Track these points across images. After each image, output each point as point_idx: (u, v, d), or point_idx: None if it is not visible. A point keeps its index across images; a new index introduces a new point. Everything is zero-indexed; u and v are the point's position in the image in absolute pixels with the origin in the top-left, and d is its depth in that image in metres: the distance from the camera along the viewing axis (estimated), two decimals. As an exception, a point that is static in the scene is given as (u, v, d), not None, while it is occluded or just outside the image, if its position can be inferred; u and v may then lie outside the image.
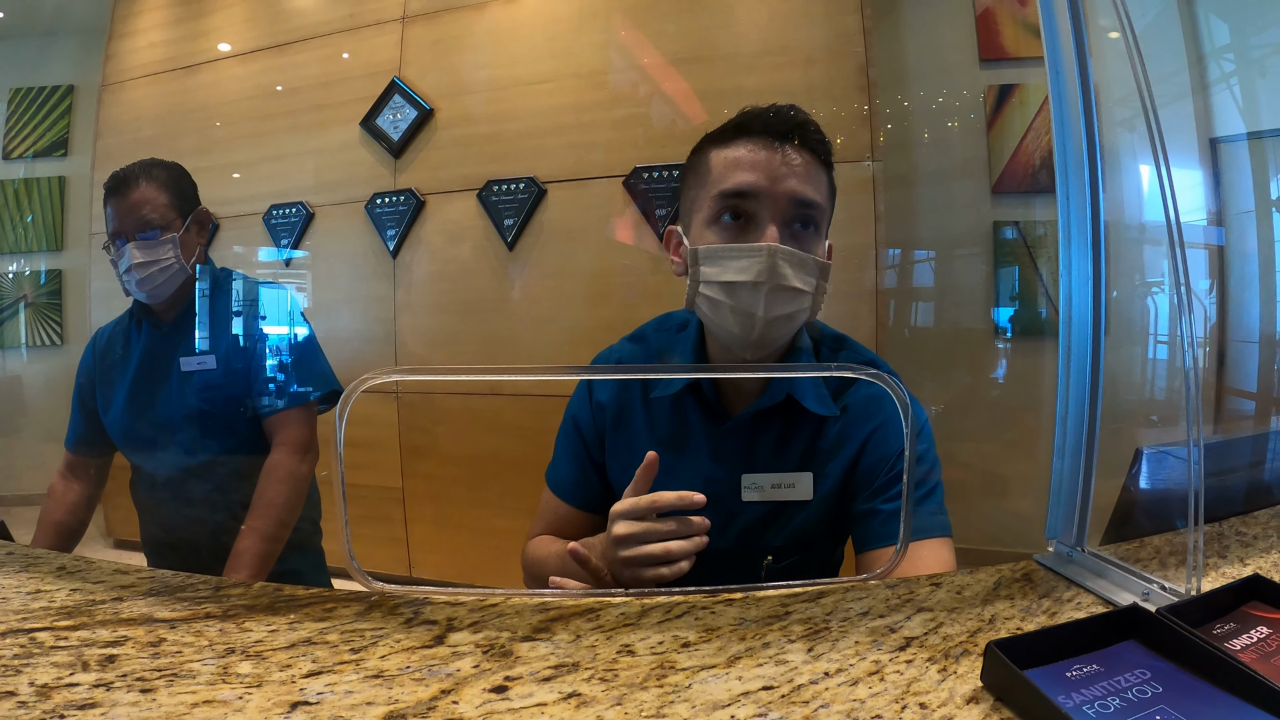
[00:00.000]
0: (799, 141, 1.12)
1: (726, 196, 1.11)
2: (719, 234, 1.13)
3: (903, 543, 0.91)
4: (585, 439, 1.31)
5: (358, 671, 0.69)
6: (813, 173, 1.13)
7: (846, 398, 1.21)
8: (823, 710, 0.62)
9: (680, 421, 1.24)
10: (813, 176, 1.13)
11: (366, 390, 0.81)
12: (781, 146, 1.11)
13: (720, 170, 1.13)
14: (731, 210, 1.12)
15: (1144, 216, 2.07)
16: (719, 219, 1.13)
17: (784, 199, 1.10)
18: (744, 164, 1.11)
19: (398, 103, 3.35)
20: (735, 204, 1.11)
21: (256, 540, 1.69)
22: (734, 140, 1.14)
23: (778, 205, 1.10)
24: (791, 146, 1.12)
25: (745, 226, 1.11)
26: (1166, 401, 2.40)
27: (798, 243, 1.11)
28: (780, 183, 1.10)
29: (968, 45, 3.35)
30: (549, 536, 1.30)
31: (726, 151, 1.14)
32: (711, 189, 1.14)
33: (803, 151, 1.12)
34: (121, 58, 3.77)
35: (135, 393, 1.79)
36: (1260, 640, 0.71)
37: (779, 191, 1.10)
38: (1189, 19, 2.49)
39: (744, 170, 1.11)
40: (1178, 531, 1.05)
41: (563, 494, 1.33)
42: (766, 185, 1.10)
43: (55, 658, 0.70)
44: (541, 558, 1.25)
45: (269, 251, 3.55)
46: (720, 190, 1.12)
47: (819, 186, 1.13)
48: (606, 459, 1.30)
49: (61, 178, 3.91)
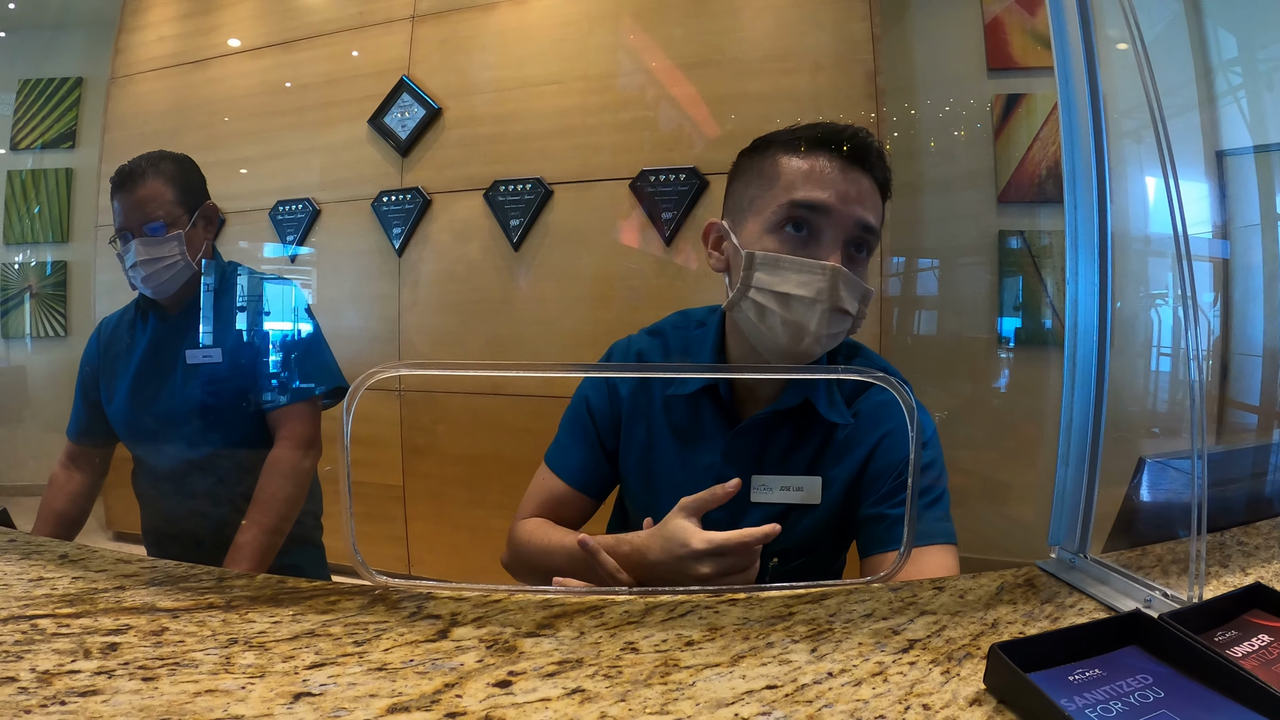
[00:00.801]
0: (868, 167, 1.13)
1: (797, 206, 1.10)
2: (780, 242, 1.12)
3: (906, 546, 0.91)
4: (598, 424, 1.31)
5: (361, 664, 0.69)
6: (875, 199, 1.14)
7: (858, 404, 1.21)
8: (826, 710, 0.62)
9: (695, 420, 1.24)
10: (875, 203, 1.13)
11: (371, 386, 0.81)
12: (853, 168, 1.11)
13: (792, 177, 1.12)
14: (797, 221, 1.11)
15: (1149, 228, 2.07)
16: (782, 227, 1.12)
17: (851, 221, 1.10)
18: (819, 178, 1.11)
19: (406, 101, 3.35)
20: (804, 216, 1.10)
21: (257, 534, 1.69)
22: (810, 151, 1.13)
23: (844, 226, 1.10)
24: (863, 170, 1.12)
25: (808, 240, 1.11)
26: (1169, 413, 2.41)
27: (853, 266, 1.11)
28: (851, 204, 1.10)
29: (975, 54, 3.34)
30: (546, 521, 1.30)
31: (800, 161, 1.13)
32: (780, 195, 1.12)
33: (870, 177, 1.13)
34: (130, 51, 3.77)
35: (139, 384, 1.79)
36: (1262, 648, 0.71)
37: (848, 213, 1.10)
38: (1197, 32, 2.49)
39: (819, 184, 1.10)
40: (1180, 540, 1.05)
41: (566, 475, 1.32)
42: (838, 204, 1.09)
43: (57, 645, 0.70)
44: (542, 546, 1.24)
45: (275, 247, 3.55)
46: (792, 198, 1.11)
47: (878, 214, 1.14)
48: (620, 448, 1.30)
49: (69, 170, 3.91)
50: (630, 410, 1.29)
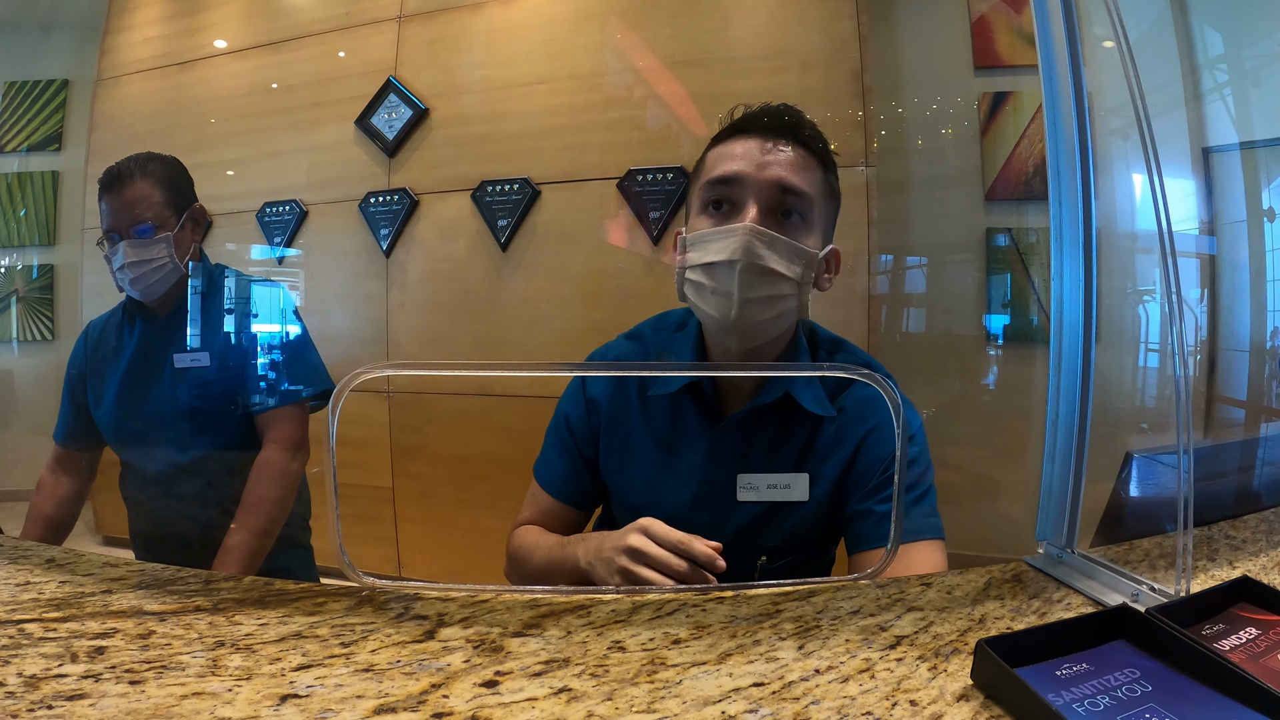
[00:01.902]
0: (791, 137, 1.14)
1: (713, 184, 1.14)
2: (706, 222, 1.15)
3: (894, 543, 0.91)
4: (576, 435, 1.31)
5: (348, 665, 0.69)
6: (802, 165, 1.14)
7: (843, 399, 1.21)
8: (813, 707, 0.62)
9: (676, 420, 1.24)
10: (801, 168, 1.14)
11: (358, 388, 0.81)
12: (772, 140, 1.13)
13: (711, 163, 1.17)
14: (716, 198, 1.15)
15: (1135, 225, 2.08)
16: (707, 208, 1.16)
17: (767, 185, 1.11)
18: (732, 155, 1.14)
19: (393, 102, 3.34)
20: (720, 190, 1.14)
21: (246, 537, 1.68)
22: (729, 138, 1.17)
23: (760, 191, 1.12)
24: (782, 141, 1.14)
25: (729, 214, 1.14)
26: (1156, 409, 2.42)
27: (783, 230, 1.12)
28: (764, 170, 1.12)
29: (962, 52, 3.35)
30: (534, 528, 1.31)
31: (719, 147, 1.17)
32: (702, 180, 1.17)
33: (794, 147, 1.14)
34: (117, 53, 3.76)
35: (127, 388, 1.78)
36: (1249, 641, 0.71)
37: (762, 178, 1.11)
38: (1183, 29, 2.50)
39: (731, 160, 1.14)
40: (1167, 534, 1.05)
41: (550, 489, 1.33)
42: (750, 171, 1.12)
43: (44, 649, 0.70)
44: (529, 547, 1.26)
45: (262, 249, 3.54)
46: (707, 179, 1.15)
47: (808, 179, 1.14)
48: (600, 457, 1.30)
49: (55, 172, 3.89)
50: (609, 418, 1.29)
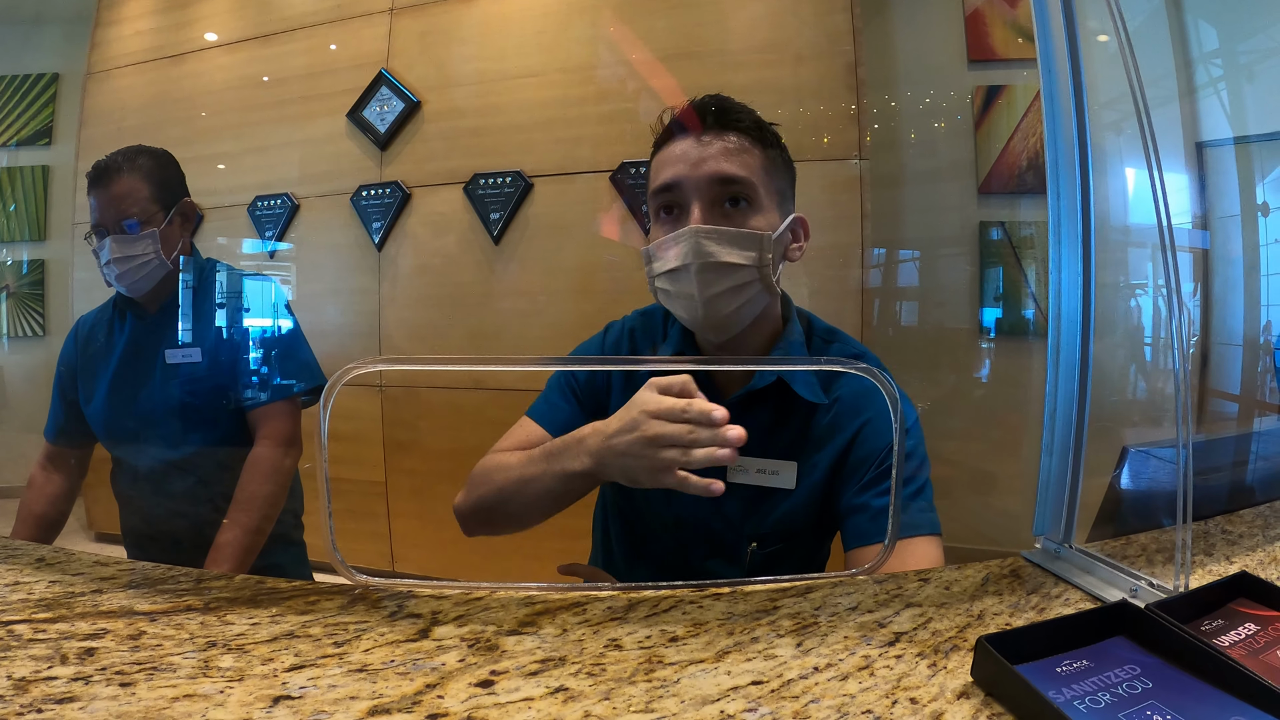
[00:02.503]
0: (720, 125, 1.15)
1: (657, 194, 1.17)
2: (658, 231, 1.17)
3: (891, 539, 0.91)
4: (582, 386, 1.31)
5: (341, 665, 0.68)
6: (736, 151, 1.14)
7: (838, 389, 1.21)
8: (813, 705, 0.62)
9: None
10: (736, 154, 1.14)
11: (350, 383, 0.80)
12: (702, 134, 1.15)
13: (653, 172, 1.19)
14: (663, 206, 1.17)
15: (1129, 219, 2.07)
16: (659, 215, 1.18)
17: (704, 181, 1.13)
18: (668, 160, 1.16)
19: (385, 95, 3.33)
20: (665, 198, 1.16)
21: (239, 533, 1.67)
22: (665, 141, 1.19)
23: (699, 189, 1.13)
24: (713, 132, 1.15)
25: (678, 218, 1.15)
26: (1149, 402, 2.42)
27: (729, 221, 1.13)
28: (699, 167, 1.13)
29: (956, 46, 3.35)
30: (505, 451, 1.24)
31: (659, 154, 1.19)
32: (650, 191, 1.19)
33: (725, 134, 1.15)
34: (107, 46, 3.73)
35: (117, 384, 1.77)
36: (1248, 636, 0.71)
37: (698, 176, 1.12)
38: (1177, 24, 2.50)
39: (667, 165, 1.15)
40: (1164, 529, 1.05)
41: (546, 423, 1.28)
42: (686, 172, 1.13)
43: (33, 650, 0.69)
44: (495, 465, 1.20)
45: (253, 243, 3.52)
46: (652, 189, 1.18)
47: (745, 163, 1.14)
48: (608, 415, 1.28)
49: (45, 166, 3.87)
50: (622, 384, 1.28)
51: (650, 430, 0.96)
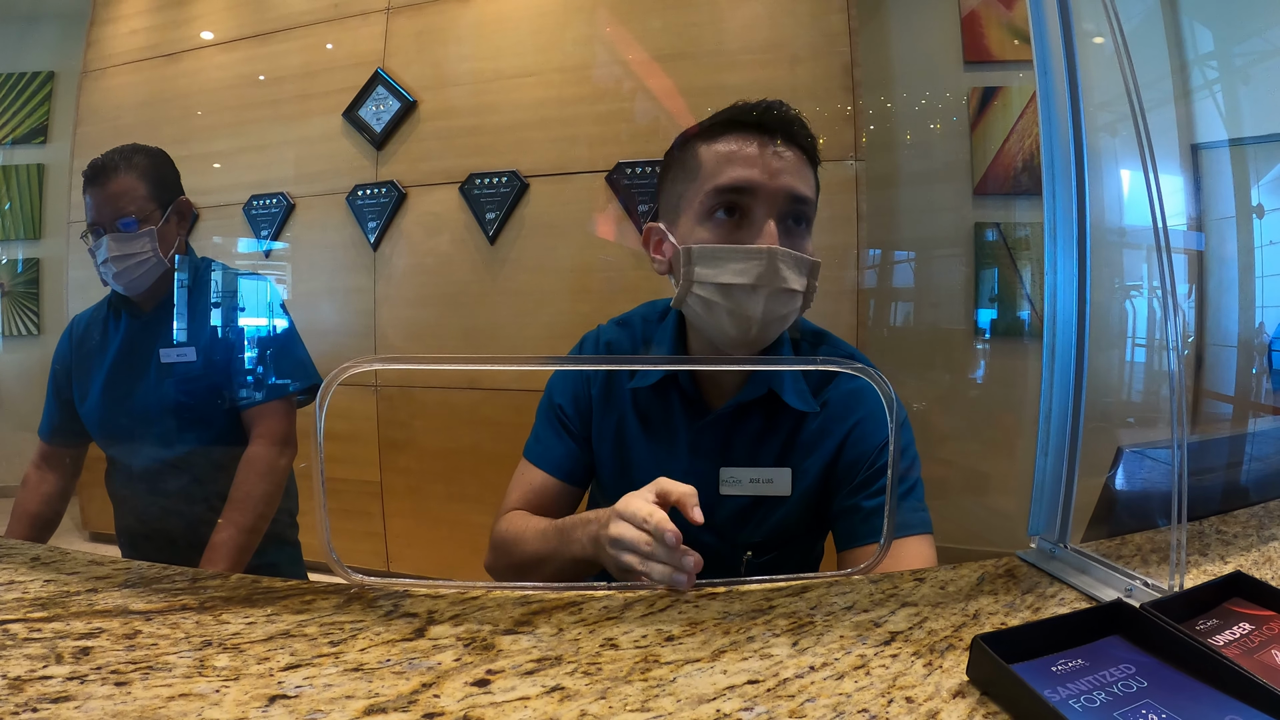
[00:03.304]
0: (788, 137, 1.11)
1: (722, 192, 1.09)
2: (713, 231, 1.10)
3: (886, 538, 0.91)
4: (568, 412, 1.29)
5: (337, 665, 0.68)
6: (803, 168, 1.12)
7: (826, 393, 1.20)
8: (809, 704, 0.62)
9: (663, 411, 1.23)
10: (803, 172, 1.11)
11: (345, 382, 0.80)
12: (772, 142, 1.09)
13: (713, 165, 1.11)
14: (727, 206, 1.09)
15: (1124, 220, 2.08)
16: (712, 215, 1.10)
17: (780, 195, 1.08)
18: (738, 159, 1.09)
19: (381, 94, 3.32)
20: (731, 199, 1.09)
21: (234, 533, 1.67)
22: (724, 135, 1.12)
23: (774, 201, 1.08)
24: (782, 142, 1.10)
25: (740, 223, 1.09)
26: (1144, 403, 2.42)
27: (791, 240, 1.10)
28: (776, 178, 1.08)
29: (952, 47, 3.35)
30: (523, 513, 1.26)
31: (717, 146, 1.12)
32: (704, 184, 1.11)
33: (792, 147, 1.11)
34: (103, 44, 3.73)
35: (112, 383, 1.77)
36: (1243, 636, 0.71)
37: (775, 187, 1.08)
38: (1173, 26, 2.50)
39: (739, 165, 1.09)
40: (1159, 529, 1.05)
41: (543, 465, 1.29)
42: (763, 180, 1.07)
43: (28, 650, 0.69)
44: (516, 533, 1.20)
45: (249, 242, 3.52)
46: (715, 185, 1.09)
47: (809, 183, 1.12)
48: (594, 438, 1.28)
49: (40, 165, 3.86)
50: (601, 400, 1.27)
51: (612, 530, 0.95)
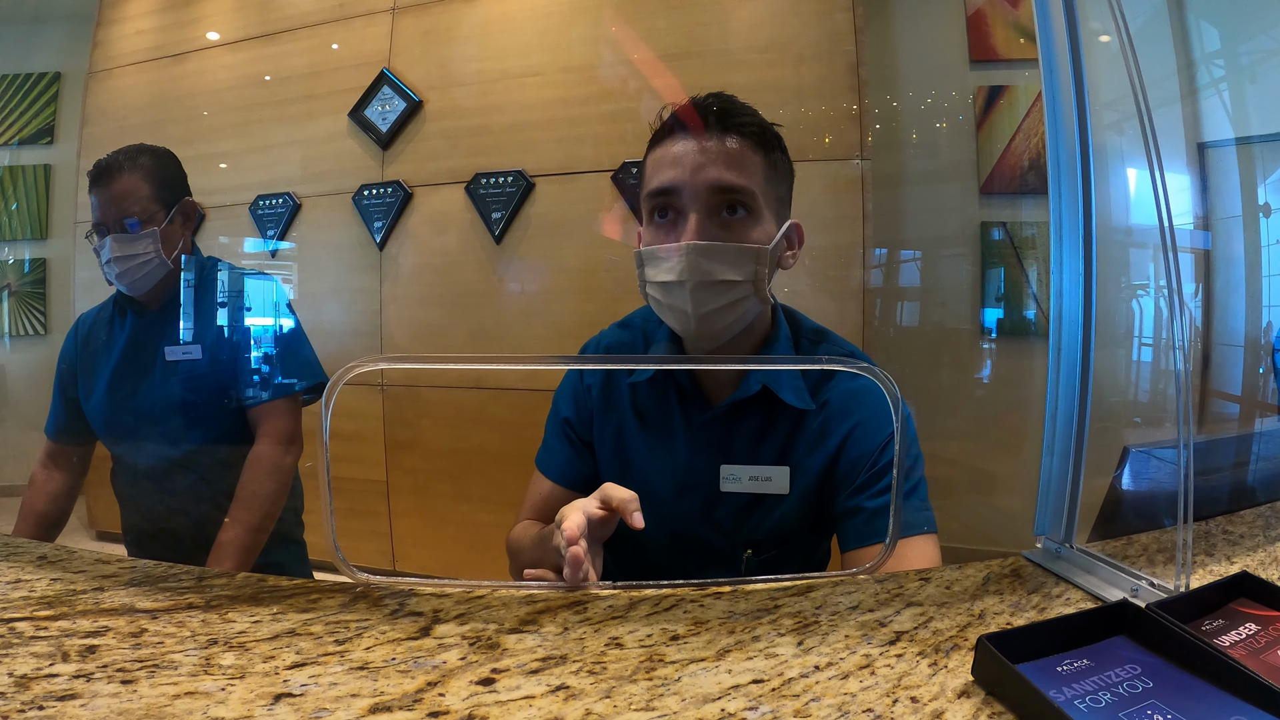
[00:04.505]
0: (723, 128, 1.11)
1: (653, 196, 1.13)
2: (653, 234, 1.14)
3: (892, 538, 0.91)
4: (572, 419, 1.30)
5: (342, 663, 0.68)
6: (739, 157, 1.10)
7: (827, 392, 1.20)
8: (814, 704, 0.62)
9: (662, 409, 1.23)
10: (738, 161, 1.10)
11: (351, 381, 0.80)
12: (703, 137, 1.10)
13: (650, 171, 1.15)
14: (659, 208, 1.13)
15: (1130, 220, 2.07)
16: (652, 219, 1.14)
17: (704, 189, 1.08)
18: (666, 161, 1.11)
19: (386, 94, 3.33)
20: (661, 202, 1.12)
21: (240, 532, 1.67)
22: (663, 139, 1.14)
23: (698, 197, 1.09)
24: (715, 135, 1.10)
25: (674, 223, 1.12)
26: (1150, 403, 2.42)
27: (727, 231, 1.10)
28: (699, 173, 1.08)
29: (958, 46, 3.35)
30: (529, 522, 1.28)
31: (654, 152, 1.15)
32: (644, 190, 1.16)
33: (727, 137, 1.10)
34: (109, 45, 3.73)
35: (117, 382, 1.77)
36: (1249, 636, 0.71)
37: (698, 182, 1.08)
38: (1179, 24, 2.50)
39: (665, 167, 1.11)
40: (1165, 529, 1.05)
41: (550, 473, 1.31)
42: (686, 178, 1.09)
43: (35, 648, 0.69)
44: (517, 540, 1.24)
45: (255, 242, 3.52)
46: (648, 191, 1.14)
47: (747, 170, 1.10)
48: (595, 441, 1.29)
49: (47, 165, 3.87)
50: (601, 403, 1.28)
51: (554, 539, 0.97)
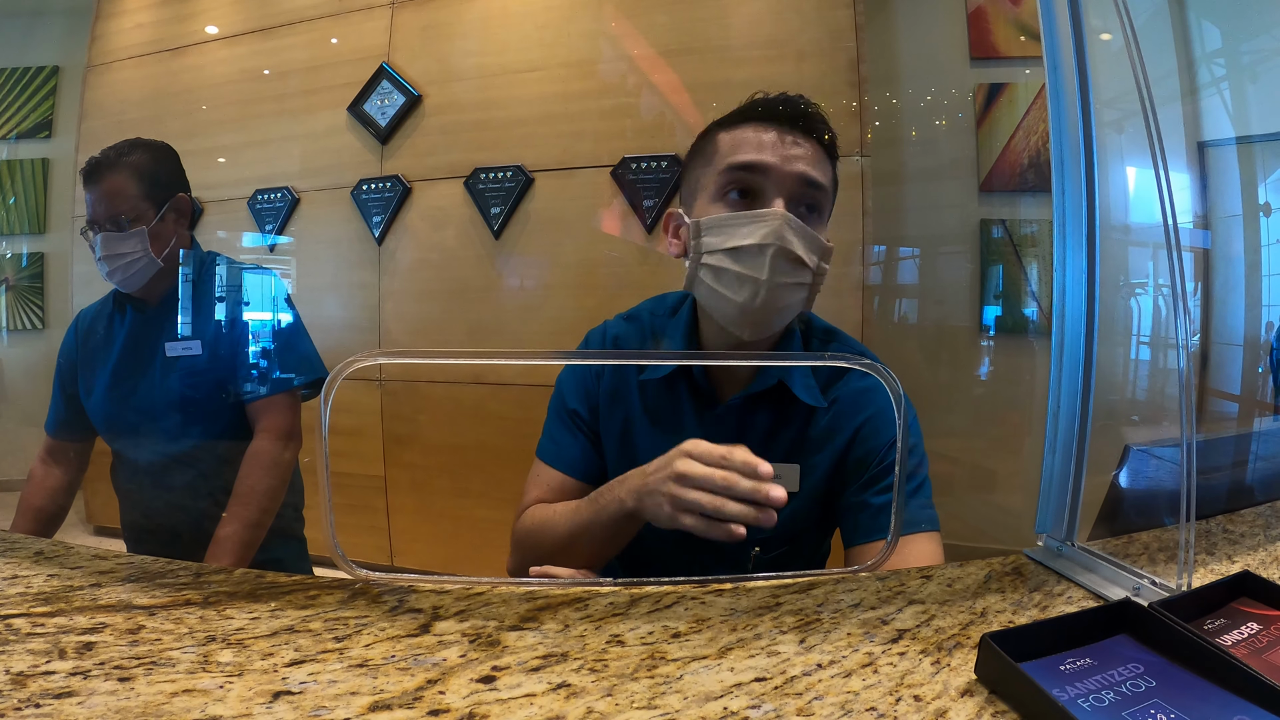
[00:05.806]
0: (806, 128, 1.13)
1: (734, 170, 1.11)
2: (722, 209, 1.12)
3: (894, 535, 0.91)
4: (578, 409, 1.29)
5: (341, 660, 0.68)
6: (819, 159, 1.13)
7: (836, 390, 1.20)
8: (816, 702, 0.62)
9: (672, 404, 1.23)
10: (819, 162, 1.13)
11: (350, 377, 0.80)
12: (789, 130, 1.12)
13: (728, 148, 1.13)
14: (739, 185, 1.11)
15: (1130, 218, 2.07)
16: (725, 195, 1.13)
17: (791, 177, 1.10)
18: (752, 142, 1.11)
19: (386, 88, 3.32)
20: (743, 178, 1.11)
21: (239, 527, 1.67)
22: (742, 123, 1.14)
23: (785, 183, 1.10)
24: (799, 132, 1.12)
25: (752, 203, 1.11)
26: (1149, 401, 2.42)
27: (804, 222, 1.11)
28: (788, 162, 1.10)
29: (959, 43, 3.35)
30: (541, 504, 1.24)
31: (735, 132, 1.14)
32: (718, 165, 1.13)
33: (809, 138, 1.12)
34: (107, 39, 3.72)
35: (117, 378, 1.77)
36: (1251, 636, 0.71)
37: (786, 170, 1.09)
38: (1180, 23, 2.49)
39: (752, 147, 1.11)
40: (1166, 528, 1.05)
41: (558, 463, 1.28)
42: (775, 162, 1.09)
43: (31, 645, 0.69)
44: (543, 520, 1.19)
45: (253, 237, 3.52)
46: (728, 164, 1.12)
47: (824, 172, 1.13)
48: (601, 432, 1.28)
49: (45, 159, 3.86)
50: (608, 395, 1.27)
51: (679, 467, 0.93)
